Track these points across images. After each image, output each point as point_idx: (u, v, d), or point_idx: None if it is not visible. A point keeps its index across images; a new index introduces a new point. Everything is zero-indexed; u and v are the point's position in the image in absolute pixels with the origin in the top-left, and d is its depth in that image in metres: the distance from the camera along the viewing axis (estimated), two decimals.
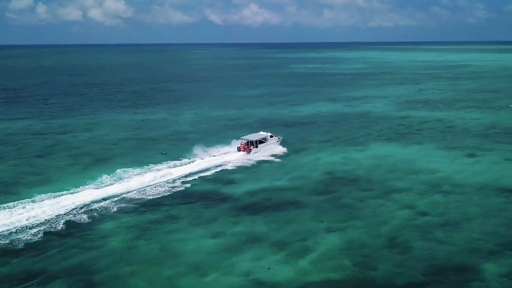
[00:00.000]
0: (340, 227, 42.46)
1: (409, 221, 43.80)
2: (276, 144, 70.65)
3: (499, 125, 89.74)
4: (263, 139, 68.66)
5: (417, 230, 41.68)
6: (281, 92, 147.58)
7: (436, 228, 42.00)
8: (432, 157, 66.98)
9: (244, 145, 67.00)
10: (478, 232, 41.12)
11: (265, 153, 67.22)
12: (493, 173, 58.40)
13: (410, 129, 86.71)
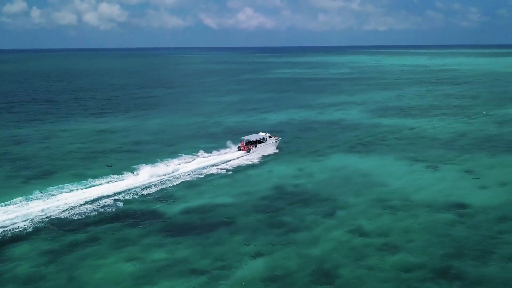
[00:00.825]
0: (269, 251, 39.38)
1: (345, 243, 40.79)
2: (274, 144, 74.59)
3: (469, 133, 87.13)
4: (262, 139, 73.03)
5: (350, 254, 38.68)
6: (257, 99, 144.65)
7: (371, 252, 39.04)
8: (390, 169, 64.09)
9: (244, 145, 71.28)
10: (414, 256, 38.12)
11: (264, 152, 71.62)
12: (449, 188, 55.54)
13: (376, 139, 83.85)
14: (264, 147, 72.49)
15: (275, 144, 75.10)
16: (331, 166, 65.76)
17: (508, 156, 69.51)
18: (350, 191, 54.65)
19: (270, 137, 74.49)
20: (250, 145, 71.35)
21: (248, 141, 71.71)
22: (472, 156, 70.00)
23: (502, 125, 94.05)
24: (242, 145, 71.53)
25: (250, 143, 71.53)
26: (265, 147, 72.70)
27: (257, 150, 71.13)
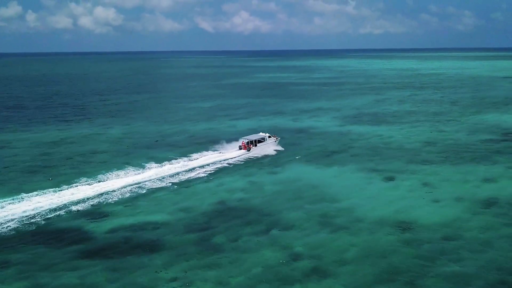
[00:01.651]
0: (187, 277, 36.31)
1: (272, 268, 37.83)
2: (274, 144, 78.49)
3: (438, 142, 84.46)
4: (262, 139, 77.01)
5: (274, 280, 35.66)
6: (232, 105, 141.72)
7: (298, 277, 36.16)
8: (345, 182, 61.28)
9: (245, 144, 75.30)
10: (342, 281, 35.21)
11: (263, 151, 75.39)
12: (400, 203, 52.70)
13: (341, 148, 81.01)
14: (264, 146, 76.46)
15: (275, 143, 78.84)
16: (285, 179, 62.82)
17: (470, 167, 66.77)
18: (296, 206, 51.78)
19: (269, 137, 78.70)
20: (251, 145, 75.44)
21: (248, 140, 75.81)
22: (433, 167, 67.27)
23: (473, 133, 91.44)
24: (243, 144, 75.67)
25: (250, 142, 75.58)
26: (265, 146, 76.68)
27: (257, 149, 75.19)
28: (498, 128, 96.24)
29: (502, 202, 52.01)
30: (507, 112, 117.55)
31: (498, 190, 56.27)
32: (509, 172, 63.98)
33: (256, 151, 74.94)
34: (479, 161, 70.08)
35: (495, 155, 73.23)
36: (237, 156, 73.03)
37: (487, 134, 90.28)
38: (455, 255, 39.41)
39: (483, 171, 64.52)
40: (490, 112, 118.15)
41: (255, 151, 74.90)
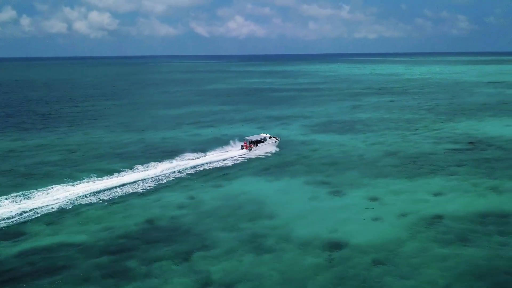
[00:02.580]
0: None
1: None
2: (274, 144, 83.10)
3: (400, 152, 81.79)
4: (263, 139, 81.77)
5: None
6: (202, 112, 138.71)
7: None
8: (290, 196, 58.49)
9: (247, 144, 79.88)
10: None
11: (264, 151, 79.64)
12: (339, 221, 49.92)
13: (297, 158, 78.13)
14: (264, 146, 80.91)
15: (275, 144, 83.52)
16: (228, 193, 59.78)
17: (425, 180, 64.04)
18: (229, 225, 48.76)
19: (270, 137, 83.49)
20: (252, 144, 79.76)
21: (250, 140, 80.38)
22: (387, 180, 64.49)
23: (439, 142, 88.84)
24: (245, 144, 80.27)
25: (252, 142, 79.97)
26: (265, 146, 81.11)
27: (258, 149, 79.62)
28: (466, 137, 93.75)
29: (446, 220, 49.23)
30: (479, 120, 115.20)
31: (446, 206, 53.55)
32: (463, 185, 61.25)
33: (257, 151, 79.33)
34: (437, 173, 67.36)
35: (454, 167, 70.55)
36: (239, 154, 77.78)
37: (453, 143, 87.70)
38: (378, 284, 36.38)
39: (437, 185, 61.77)
40: (463, 120, 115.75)
41: (256, 151, 79.32)
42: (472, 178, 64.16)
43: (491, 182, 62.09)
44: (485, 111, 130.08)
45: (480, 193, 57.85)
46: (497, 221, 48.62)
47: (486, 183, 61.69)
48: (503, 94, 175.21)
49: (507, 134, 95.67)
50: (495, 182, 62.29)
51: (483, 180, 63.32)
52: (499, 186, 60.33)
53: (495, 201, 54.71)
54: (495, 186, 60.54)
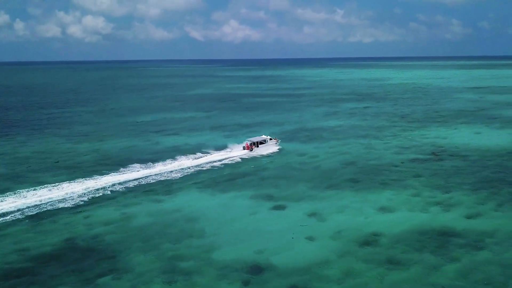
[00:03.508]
0: None
1: None
2: (274, 145, 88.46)
3: (359, 162, 79.22)
4: (263, 141, 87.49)
5: None
6: (173, 119, 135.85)
7: None
8: (228, 212, 55.84)
9: (248, 145, 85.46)
10: None
11: (264, 151, 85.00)
12: (268, 240, 47.15)
13: (249, 169, 75.39)
14: (265, 147, 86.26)
15: (276, 145, 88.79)
16: (164, 209, 56.87)
17: (375, 194, 61.47)
18: (151, 246, 45.97)
19: (271, 139, 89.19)
20: (253, 145, 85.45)
21: (252, 142, 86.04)
22: (336, 193, 61.90)
23: (402, 152, 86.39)
24: (247, 145, 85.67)
25: (253, 143, 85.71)
26: (266, 147, 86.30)
27: (258, 149, 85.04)
28: (432, 146, 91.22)
29: (382, 239, 46.49)
30: (451, 127, 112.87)
31: (386, 223, 50.77)
32: (412, 200, 58.54)
33: (258, 151, 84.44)
34: (389, 186, 64.66)
35: (410, 179, 67.89)
36: (241, 155, 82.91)
37: (416, 153, 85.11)
38: None
39: (385, 199, 59.08)
40: (435, 127, 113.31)
41: (257, 151, 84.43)
42: (424, 192, 61.52)
43: (442, 197, 59.44)
44: (459, 118, 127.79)
45: (427, 209, 55.17)
46: (435, 241, 45.89)
47: (437, 198, 59.03)
48: (483, 100, 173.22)
49: (474, 142, 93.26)
50: (447, 196, 59.67)
51: (435, 194, 60.68)
52: (450, 201, 57.74)
53: (440, 219, 52.01)
54: (446, 200, 57.93)
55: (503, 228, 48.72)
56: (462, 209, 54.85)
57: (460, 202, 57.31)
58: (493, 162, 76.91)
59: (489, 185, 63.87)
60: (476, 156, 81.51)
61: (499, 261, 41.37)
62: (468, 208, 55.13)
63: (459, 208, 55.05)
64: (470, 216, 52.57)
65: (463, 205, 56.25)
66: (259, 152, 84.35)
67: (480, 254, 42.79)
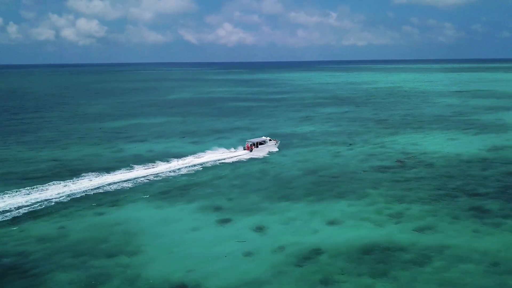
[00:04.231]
0: None
1: None
2: (274, 146, 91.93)
3: (321, 170, 77.12)
4: (263, 141, 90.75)
5: None
6: (144, 125, 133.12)
7: None
8: (170, 226, 53.57)
9: (248, 146, 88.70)
10: None
11: (264, 151, 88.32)
12: (204, 258, 44.68)
13: (211, 177, 73.02)
14: (265, 147, 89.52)
15: (275, 145, 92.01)
16: (104, 223, 54.29)
17: (326, 205, 59.36)
18: (79, 263, 43.58)
19: (270, 140, 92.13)
20: (253, 146, 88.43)
21: (251, 142, 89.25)
22: (289, 204, 59.67)
23: (368, 159, 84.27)
24: (247, 146, 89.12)
25: (253, 144, 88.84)
26: (265, 147, 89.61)
27: (258, 150, 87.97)
28: (400, 153, 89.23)
29: (323, 255, 44.32)
30: (425, 133, 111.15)
31: (333, 238, 48.62)
32: (364, 211, 56.40)
33: (257, 152, 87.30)
34: (345, 196, 62.50)
35: (368, 188, 65.73)
36: (242, 155, 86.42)
37: (382, 160, 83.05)
38: None
39: (337, 211, 56.85)
40: (408, 133, 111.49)
41: (257, 152, 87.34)
42: (379, 203, 59.29)
43: (396, 208, 57.21)
44: (435, 124, 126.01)
45: (377, 222, 52.89)
46: (376, 257, 43.59)
47: (391, 209, 56.78)
48: (463, 105, 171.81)
49: (444, 149, 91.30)
50: (401, 207, 57.45)
51: (390, 205, 58.44)
52: (403, 213, 55.51)
53: (388, 232, 49.74)
54: (399, 212, 55.68)
55: (451, 243, 46.55)
56: (414, 222, 52.60)
57: (413, 214, 55.10)
58: (458, 170, 74.87)
59: (448, 195, 61.77)
60: (443, 164, 79.48)
61: (439, 280, 39.06)
62: (420, 220, 52.92)
63: (410, 221, 52.80)
64: (420, 229, 50.34)
65: (416, 217, 54.01)
66: (259, 153, 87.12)
67: (421, 272, 40.48)
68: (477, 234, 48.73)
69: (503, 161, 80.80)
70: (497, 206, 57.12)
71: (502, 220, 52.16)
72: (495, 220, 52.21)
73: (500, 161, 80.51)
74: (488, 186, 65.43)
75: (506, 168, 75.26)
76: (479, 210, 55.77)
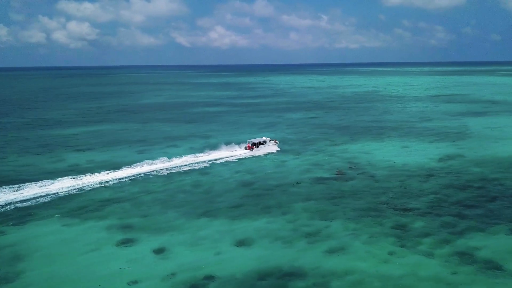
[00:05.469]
0: None
1: None
2: (274, 146, 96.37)
3: (255, 183, 73.61)
4: (263, 141, 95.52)
5: None
6: (98, 132, 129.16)
7: None
8: (69, 247, 50.00)
9: (250, 146, 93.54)
10: None
11: (264, 151, 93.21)
12: (86, 283, 40.52)
13: (139, 191, 69.27)
14: (265, 147, 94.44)
15: (275, 145, 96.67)
16: (4, 242, 50.29)
17: (244, 223, 56.02)
18: None
19: (270, 140, 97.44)
20: (254, 146, 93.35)
21: (252, 143, 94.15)
22: (205, 222, 56.41)
23: (310, 170, 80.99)
24: (248, 145, 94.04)
25: (254, 144, 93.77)
26: (265, 147, 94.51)
27: (258, 149, 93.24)
28: (346, 162, 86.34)
29: (215, 282, 40.68)
30: (380, 141, 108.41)
31: (232, 261, 45.19)
32: (282, 230, 53.17)
33: (258, 151, 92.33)
34: (269, 211, 59.48)
35: (297, 202, 62.71)
36: (243, 154, 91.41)
37: (325, 171, 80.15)
38: None
39: (252, 229, 53.80)
40: (364, 141, 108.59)
41: (257, 151, 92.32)
42: (301, 219, 56.18)
43: (316, 225, 54.09)
44: (397, 130, 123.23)
45: (290, 241, 49.79)
46: (272, 284, 40.13)
47: (310, 227, 53.66)
48: (432, 111, 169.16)
49: (393, 159, 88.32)
50: (322, 225, 54.33)
51: (312, 222, 55.34)
52: (322, 231, 52.40)
53: (296, 254, 46.58)
54: (318, 231, 52.61)
55: (357, 267, 43.37)
56: (328, 241, 49.35)
57: (331, 232, 51.84)
58: (398, 182, 71.76)
59: (376, 211, 58.58)
60: (384, 175, 76.36)
61: None
62: (334, 240, 49.65)
63: (325, 240, 49.56)
64: (331, 251, 47.07)
65: (332, 236, 50.77)
66: (259, 152, 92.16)
67: None
68: (388, 257, 45.48)
69: (448, 171, 77.86)
70: (421, 223, 53.98)
71: (419, 240, 48.94)
72: (412, 241, 48.97)
73: (445, 172, 77.53)
74: (421, 201, 62.33)
75: (447, 180, 72.24)
76: (401, 228, 52.58)
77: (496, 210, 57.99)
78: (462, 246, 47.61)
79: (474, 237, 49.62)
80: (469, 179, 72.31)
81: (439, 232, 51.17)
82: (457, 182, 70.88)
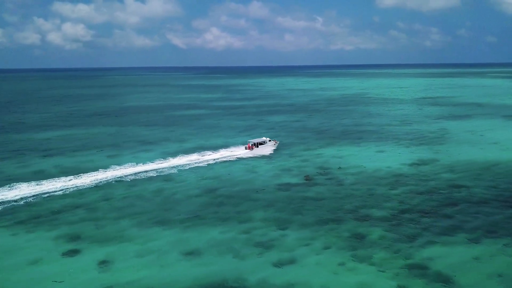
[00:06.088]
0: None
1: None
2: (273, 146, 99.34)
3: (220, 189, 71.41)
4: (263, 142, 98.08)
5: None
6: (71, 136, 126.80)
7: None
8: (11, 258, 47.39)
9: (250, 146, 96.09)
10: None
11: (264, 151, 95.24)
12: None
13: (99, 198, 67.26)
14: (264, 147, 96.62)
15: (274, 146, 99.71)
16: None
17: (198, 232, 54.13)
18: None
19: (270, 140, 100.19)
20: (254, 146, 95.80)
21: (252, 143, 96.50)
22: (158, 232, 54.60)
23: (279, 175, 79.26)
24: (248, 145, 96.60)
25: (254, 144, 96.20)
26: (265, 147, 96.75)
27: (258, 149, 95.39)
28: (317, 167, 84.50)
29: None
30: (356, 145, 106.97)
31: (174, 275, 43.38)
32: (236, 240, 51.49)
33: (258, 151, 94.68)
34: (226, 220, 57.74)
35: (257, 210, 61.17)
36: (243, 153, 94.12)
37: (293, 176, 78.50)
38: None
39: (205, 240, 51.97)
40: (340, 145, 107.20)
41: (257, 151, 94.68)
42: (258, 228, 54.66)
43: (271, 235, 52.72)
44: (375, 134, 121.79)
45: (238, 254, 47.91)
46: None
47: (265, 237, 52.26)
48: (415, 114, 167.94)
49: (365, 164, 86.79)
50: (278, 234, 52.91)
51: (267, 231, 53.81)
52: (276, 242, 50.89)
53: (244, 267, 45.10)
54: (272, 240, 51.35)
55: (305, 281, 41.51)
56: (280, 253, 47.65)
57: (285, 243, 50.16)
58: (365, 189, 70.15)
59: (335, 219, 56.92)
60: (353, 181, 74.78)
61: None
62: (287, 252, 47.94)
63: (277, 252, 47.89)
64: (281, 263, 45.37)
65: (286, 247, 49.05)
66: (259, 152, 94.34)
67: None
68: (338, 269, 43.78)
69: (418, 177, 76.29)
70: (379, 233, 52.36)
71: (373, 252, 47.26)
72: (366, 252, 47.34)
73: (416, 178, 75.98)
74: (384, 208, 60.70)
75: (415, 187, 70.70)
76: (357, 239, 50.89)
77: (458, 219, 56.46)
78: (416, 257, 45.99)
79: (429, 248, 48.02)
80: (437, 186, 70.76)
81: (395, 242, 49.53)
82: (424, 189, 69.34)
